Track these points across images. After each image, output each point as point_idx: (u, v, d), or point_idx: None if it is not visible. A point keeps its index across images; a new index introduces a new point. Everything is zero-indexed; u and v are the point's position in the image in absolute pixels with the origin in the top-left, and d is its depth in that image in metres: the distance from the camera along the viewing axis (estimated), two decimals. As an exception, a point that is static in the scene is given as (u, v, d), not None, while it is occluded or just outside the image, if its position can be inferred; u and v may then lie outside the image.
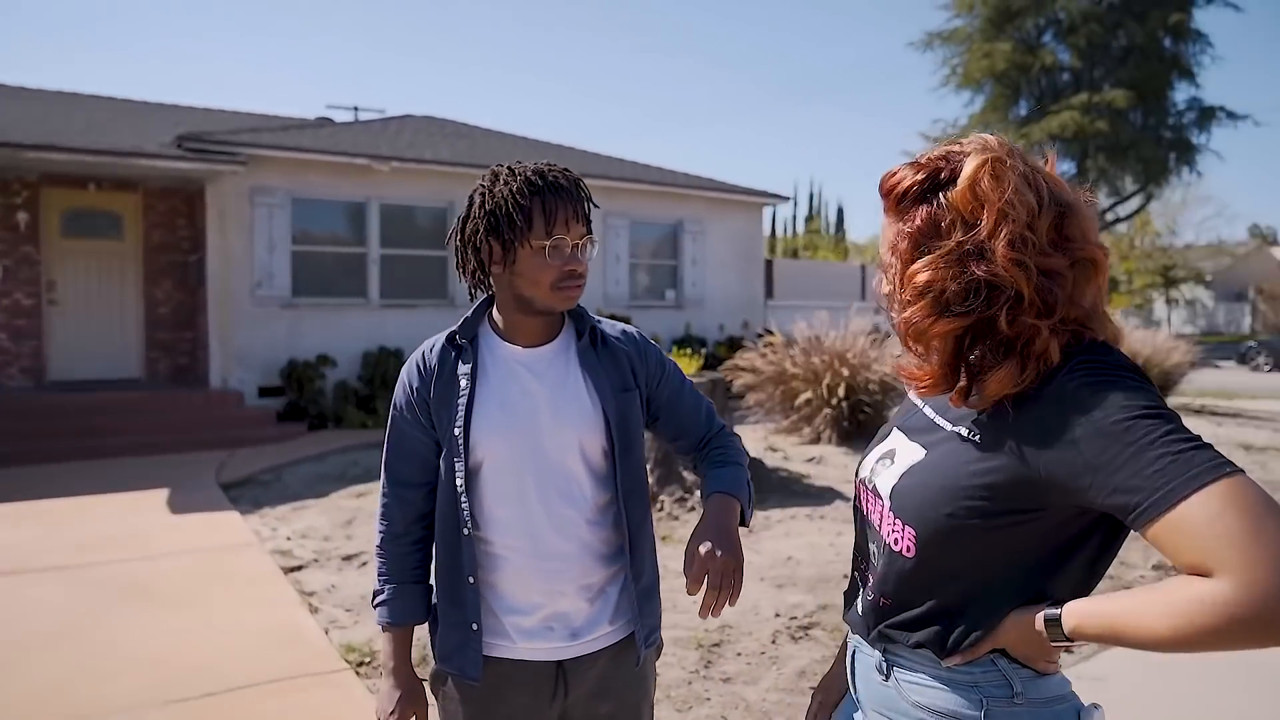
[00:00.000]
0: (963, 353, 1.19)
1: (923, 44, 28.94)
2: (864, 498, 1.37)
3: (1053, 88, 27.04)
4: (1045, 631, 1.13)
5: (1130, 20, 25.51)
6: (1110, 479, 1.01)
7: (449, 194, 12.54)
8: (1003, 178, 1.13)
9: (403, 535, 1.75)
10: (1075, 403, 1.06)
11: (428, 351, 1.75)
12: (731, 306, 15.61)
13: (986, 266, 1.11)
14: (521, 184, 1.62)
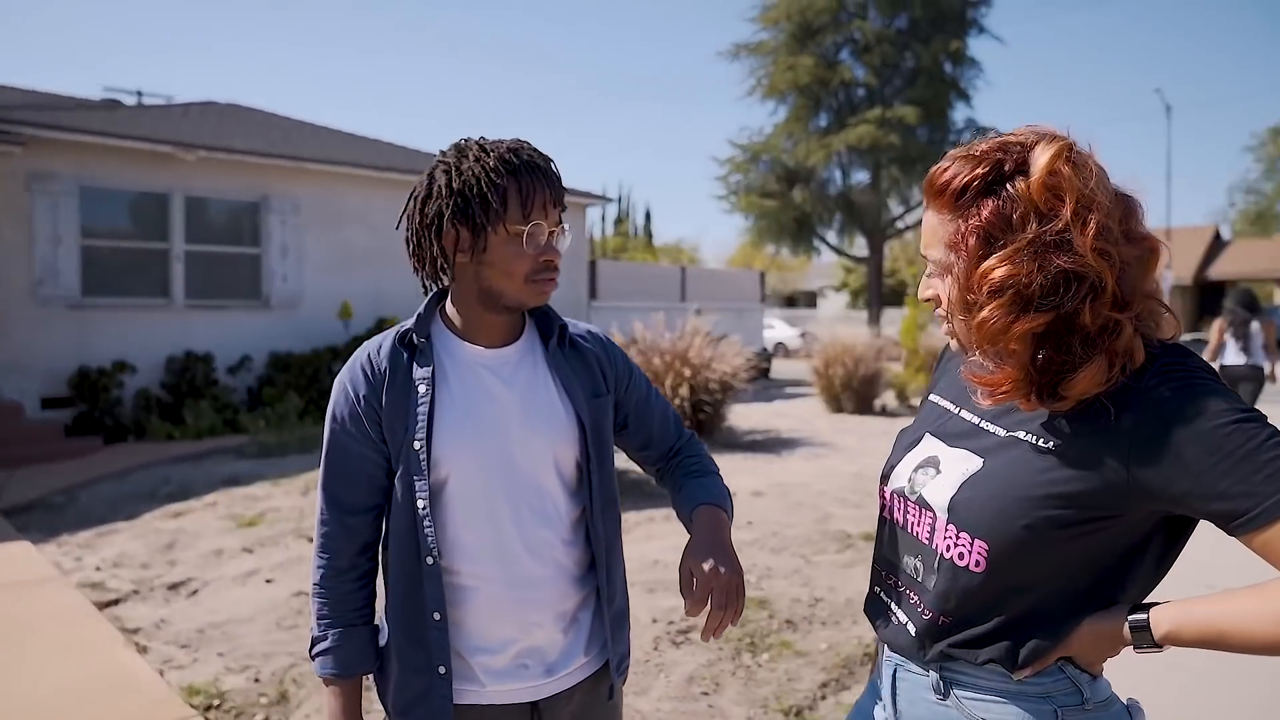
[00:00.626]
0: (1038, 353, 1.13)
1: (730, 54, 29.98)
2: (899, 509, 1.30)
3: (850, 102, 28.72)
4: (1130, 637, 1.11)
5: (917, 43, 27.52)
6: (1213, 486, 1.00)
7: (262, 187, 11.73)
8: (1082, 166, 1.09)
9: (347, 570, 1.51)
10: (1171, 409, 1.04)
11: (374, 353, 1.51)
12: (558, 308, 14.94)
13: (1070, 257, 1.06)
14: (496, 161, 1.43)
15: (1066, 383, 1.10)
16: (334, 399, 1.51)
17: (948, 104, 28.40)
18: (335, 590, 1.51)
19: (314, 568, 1.52)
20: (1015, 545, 1.12)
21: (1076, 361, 1.09)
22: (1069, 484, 1.09)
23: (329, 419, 1.52)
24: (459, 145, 1.50)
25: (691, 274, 20.69)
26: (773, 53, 28.95)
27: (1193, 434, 1.02)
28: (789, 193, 28.94)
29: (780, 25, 28.46)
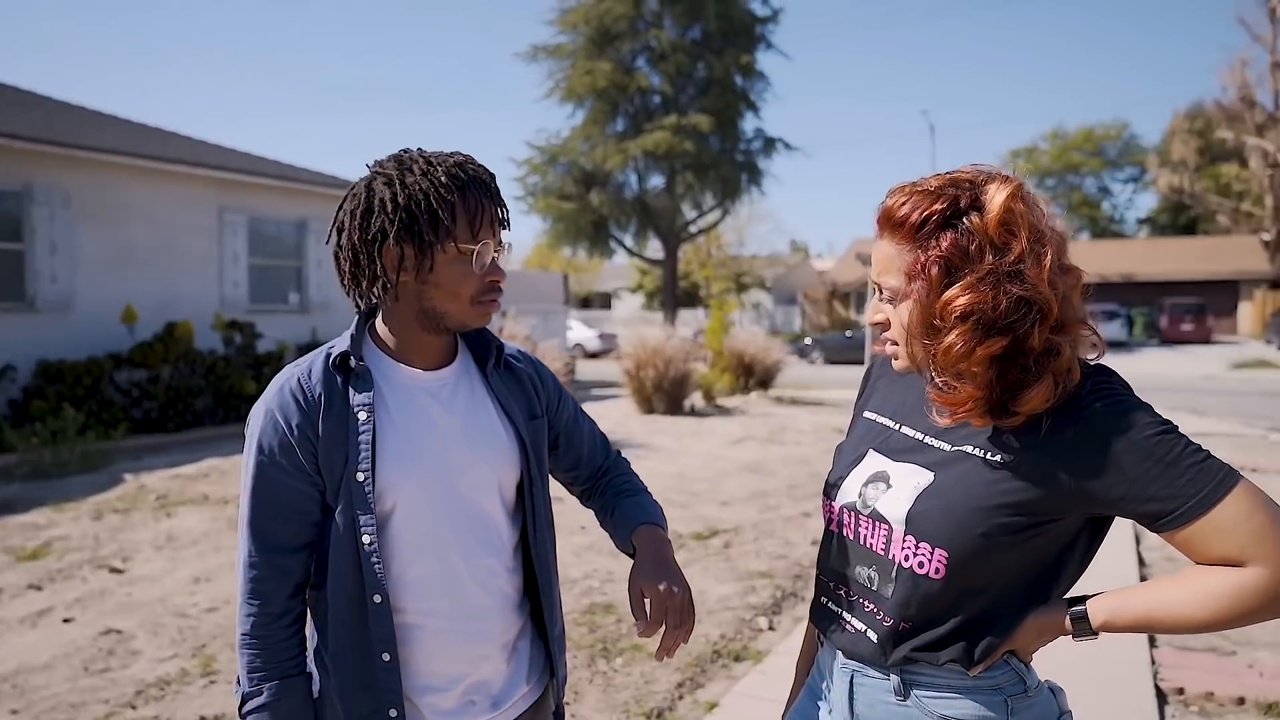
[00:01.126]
0: (994, 374, 1.21)
1: (528, 56, 29.93)
2: (849, 523, 1.35)
3: (646, 108, 29.41)
4: (1070, 627, 1.23)
5: (710, 54, 28.59)
6: (1145, 490, 1.14)
7: (25, 175, 10.49)
8: (1033, 204, 1.21)
9: (281, 616, 1.37)
10: (1108, 423, 1.16)
11: (304, 378, 1.38)
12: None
13: (1023, 286, 1.16)
14: (445, 175, 1.35)
15: (1019, 399, 1.19)
16: (258, 428, 1.37)
17: (738, 114, 29.70)
18: (269, 639, 1.36)
19: (241, 617, 1.37)
20: (973, 552, 1.20)
21: (1030, 380, 1.18)
22: (1020, 493, 1.19)
23: (252, 450, 1.37)
24: (399, 156, 1.41)
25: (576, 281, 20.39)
26: (571, 56, 29.17)
27: (1128, 445, 1.14)
28: (586, 195, 29.25)
29: (578, 29, 28.74)
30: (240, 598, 1.37)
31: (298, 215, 13.87)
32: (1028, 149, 55.34)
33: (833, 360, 26.66)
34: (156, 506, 7.05)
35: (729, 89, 29.22)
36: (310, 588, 1.42)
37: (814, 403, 14.98)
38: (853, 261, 43.23)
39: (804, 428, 11.59)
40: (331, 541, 1.37)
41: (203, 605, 4.72)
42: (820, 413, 13.48)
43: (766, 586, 5.09)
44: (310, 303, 14.02)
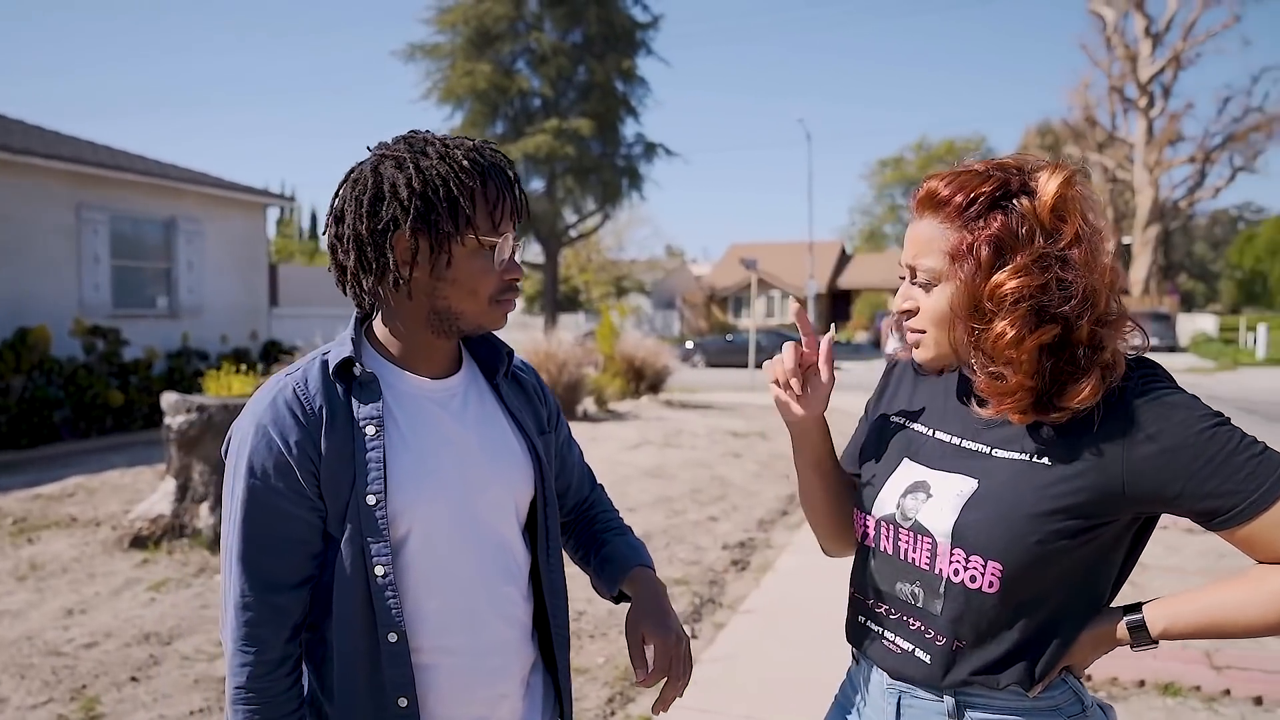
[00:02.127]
0: (1045, 364, 1.16)
1: (406, 55, 29.24)
2: (886, 536, 1.28)
3: (526, 111, 29.16)
4: (1130, 636, 1.17)
5: (591, 59, 28.57)
6: (1202, 486, 1.09)
7: None
8: (1087, 193, 1.18)
9: (279, 664, 1.20)
10: (1157, 417, 1.11)
11: (300, 388, 1.21)
12: (235, 315, 14.08)
13: (1074, 273, 1.13)
14: (465, 159, 1.22)
15: (1066, 394, 1.14)
16: (248, 448, 1.19)
17: (619, 119, 29.79)
18: (268, 691, 1.18)
19: (235, 667, 1.18)
20: (1028, 563, 1.14)
21: (1078, 374, 1.14)
22: (1073, 496, 1.13)
23: (242, 473, 1.19)
24: (409, 138, 1.26)
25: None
26: (449, 56, 28.65)
27: (1182, 440, 1.09)
28: (467, 198, 28.73)
29: (457, 29, 28.25)
30: (231, 645, 1.19)
31: (166, 214, 13.04)
32: (895, 159, 57.83)
33: (714, 363, 27.04)
34: (15, 531, 6.45)
35: (610, 94, 29.29)
36: (304, 628, 1.25)
37: (703, 405, 15.13)
38: (730, 266, 44.10)
39: (698, 431, 11.66)
40: (336, 574, 1.21)
41: (79, 641, 4.31)
42: (711, 415, 13.60)
43: (684, 594, 5.04)
44: (181, 307, 13.19)
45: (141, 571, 5.37)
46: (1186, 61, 29.32)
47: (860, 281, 44.22)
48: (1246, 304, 50.28)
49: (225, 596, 1.21)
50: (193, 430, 5.86)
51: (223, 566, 1.22)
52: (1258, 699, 3.53)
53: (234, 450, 1.22)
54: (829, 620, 4.61)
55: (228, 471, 1.22)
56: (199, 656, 4.10)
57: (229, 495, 1.21)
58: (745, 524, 6.72)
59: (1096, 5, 29.93)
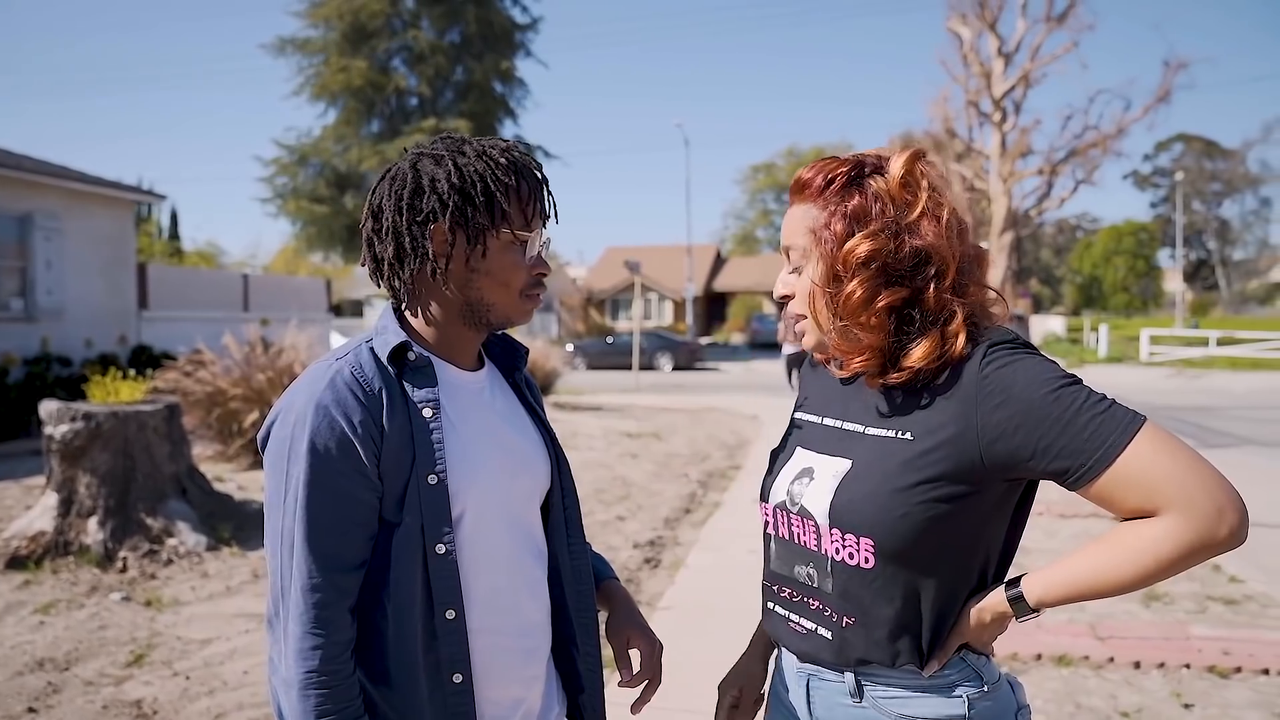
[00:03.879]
0: (891, 325, 1.22)
1: (276, 48, 28.18)
2: (782, 522, 1.33)
3: (403, 110, 28.55)
4: (1010, 609, 1.19)
5: (470, 59, 28.26)
6: (1050, 447, 1.10)
7: None
8: (931, 169, 1.26)
9: (347, 646, 1.20)
10: (1004, 381, 1.14)
11: (356, 371, 1.23)
12: (101, 318, 13.25)
13: (921, 240, 1.19)
14: (501, 159, 1.29)
15: (906, 354, 1.20)
16: (308, 428, 1.18)
17: (497, 120, 29.54)
18: (339, 674, 1.18)
19: (305, 650, 1.16)
20: (898, 535, 1.17)
21: (916, 334, 1.20)
22: (933, 467, 1.16)
23: (302, 454, 1.17)
24: (448, 139, 1.32)
25: (255, 282, 19.01)
26: (322, 52, 27.79)
27: (1028, 403, 1.11)
28: (340, 198, 28.00)
29: (331, 24, 27.41)
30: (298, 629, 1.17)
31: (21, 209, 12.13)
32: (767, 165, 59.45)
33: (595, 366, 27.17)
34: None
35: (488, 94, 29.02)
36: (388, 604, 1.25)
37: (594, 407, 15.21)
38: (607, 269, 44.34)
39: (594, 432, 11.73)
40: (394, 555, 1.23)
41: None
42: (603, 417, 13.69)
43: (604, 593, 5.10)
44: (38, 309, 12.29)
45: (24, 594, 5.02)
46: (1034, 80, 31.24)
47: (735, 284, 45.25)
48: (1086, 306, 54.07)
49: (284, 581, 1.19)
50: (78, 440, 5.53)
51: (275, 551, 1.21)
52: (1136, 663, 3.92)
53: (289, 433, 1.20)
54: (746, 614, 4.77)
55: (278, 455, 1.21)
56: (104, 680, 3.89)
57: (282, 479, 1.20)
58: (652, 522, 6.83)
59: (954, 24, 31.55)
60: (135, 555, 5.44)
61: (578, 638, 1.46)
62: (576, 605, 1.46)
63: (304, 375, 1.27)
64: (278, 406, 1.25)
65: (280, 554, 1.20)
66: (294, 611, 1.18)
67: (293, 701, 1.17)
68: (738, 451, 10.39)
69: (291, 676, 1.17)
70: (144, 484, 5.74)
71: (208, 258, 41.33)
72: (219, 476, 7.84)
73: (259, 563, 5.61)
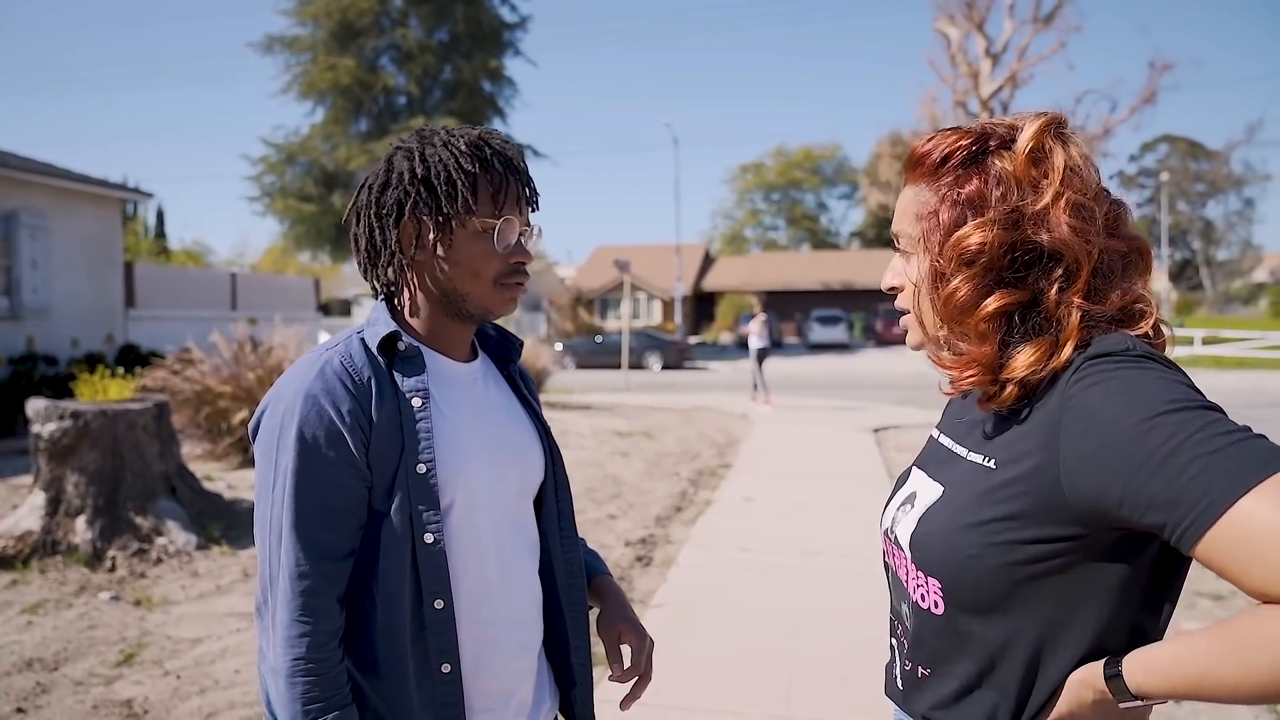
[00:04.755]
0: (1009, 335, 1.02)
1: (264, 47, 28.07)
2: (889, 551, 1.17)
3: (391, 109, 28.50)
4: (1108, 691, 0.93)
5: (459, 57, 28.19)
6: (1141, 492, 0.85)
7: None
8: (1069, 142, 1.03)
9: (334, 634, 1.20)
10: (1093, 402, 0.91)
11: (345, 360, 1.24)
12: (87, 317, 13.15)
13: (1048, 233, 0.98)
14: (467, 147, 1.29)
15: (1006, 364, 1.00)
16: (296, 417, 1.19)
17: (486, 119, 29.49)
18: (327, 661, 1.18)
19: (293, 638, 1.17)
20: (965, 580, 0.99)
21: (1019, 340, 1.00)
22: (1010, 503, 0.96)
23: (290, 444, 1.18)
24: (421, 131, 1.34)
25: (243, 281, 18.95)
26: (311, 50, 27.69)
27: (1117, 432, 0.88)
28: (328, 197, 27.92)
29: (319, 22, 27.32)
30: (286, 617, 1.18)
31: (6, 207, 12.02)
32: (755, 164, 59.50)
33: (583, 365, 27.14)
34: None
35: (476, 93, 28.98)
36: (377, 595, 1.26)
37: (583, 406, 15.20)
38: (596, 268, 44.32)
39: (584, 431, 11.72)
40: (383, 544, 1.23)
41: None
42: (592, 416, 13.69)
43: (596, 591, 5.10)
44: (23, 308, 12.20)
45: (11, 594, 4.99)
46: (1022, 81, 31.40)
47: (723, 284, 45.27)
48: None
49: (273, 569, 1.20)
50: (66, 439, 5.50)
51: (264, 539, 1.21)
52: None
53: (278, 422, 1.21)
54: (738, 612, 4.80)
55: (267, 444, 1.22)
56: (93, 680, 3.86)
57: (271, 467, 1.21)
58: (644, 521, 6.83)
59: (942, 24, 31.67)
60: (124, 554, 5.40)
61: (569, 632, 1.46)
62: (568, 599, 1.46)
63: (294, 365, 1.28)
64: (268, 396, 1.26)
65: (269, 542, 1.21)
66: (282, 599, 1.19)
67: (280, 689, 1.17)
68: (728, 450, 10.40)
69: (279, 664, 1.17)
70: (133, 483, 5.71)
71: (195, 257, 41.11)
72: (208, 475, 7.80)
73: (249, 562, 5.59)
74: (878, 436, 11.11)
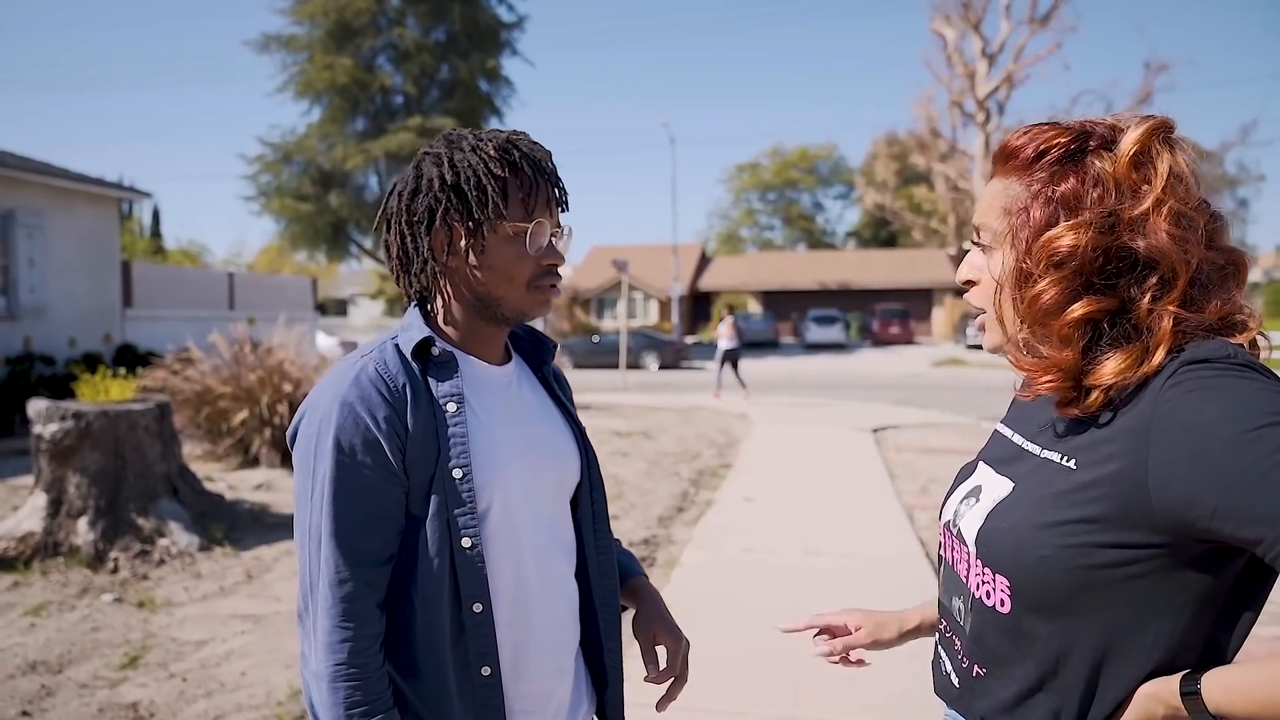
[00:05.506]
0: (1095, 341, 1.00)
1: (260, 46, 27.98)
2: (948, 545, 1.16)
3: (388, 108, 28.40)
4: (1184, 709, 0.91)
5: (455, 57, 28.10)
6: (1235, 506, 0.83)
7: None
8: (1177, 148, 1.00)
9: (375, 639, 1.21)
10: (1185, 412, 0.89)
11: (380, 367, 1.24)
12: (84, 317, 13.12)
13: (1144, 240, 0.95)
14: (496, 151, 1.28)
15: (1094, 369, 0.98)
16: (333, 425, 1.19)
17: (483, 119, 29.38)
18: (368, 667, 1.19)
19: (334, 643, 1.17)
20: (1036, 580, 0.97)
21: (1108, 346, 0.98)
22: (1089, 505, 0.94)
23: (327, 451, 1.19)
24: (449, 136, 1.34)
25: (240, 280, 18.93)
26: (307, 49, 27.60)
27: (1209, 444, 0.85)
28: (325, 196, 27.84)
29: (316, 21, 27.23)
30: (328, 623, 1.18)
31: (3, 206, 11.99)
32: (751, 164, 59.53)
33: (580, 365, 27.13)
34: None
35: (474, 93, 28.88)
36: (416, 599, 1.26)
37: (582, 406, 15.14)
38: (593, 268, 44.27)
39: (582, 432, 11.73)
40: (421, 549, 1.23)
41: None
42: (592, 416, 13.70)
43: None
44: (21, 308, 12.17)
45: (14, 596, 4.97)
46: (1018, 81, 31.44)
47: (720, 284, 45.27)
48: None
49: (313, 575, 1.21)
50: (68, 439, 5.48)
51: (304, 546, 1.22)
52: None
53: (314, 430, 1.22)
54: (742, 612, 4.79)
55: (305, 452, 1.23)
56: (98, 683, 3.85)
57: (309, 475, 1.21)
58: (646, 521, 6.83)
59: (938, 25, 31.69)
60: (127, 556, 5.39)
61: (603, 634, 1.46)
62: (601, 601, 1.46)
63: (330, 372, 1.28)
64: (304, 404, 1.27)
65: (309, 549, 1.22)
66: (322, 605, 1.19)
67: (323, 694, 1.18)
68: (728, 450, 10.40)
69: (321, 669, 1.18)
70: (135, 484, 5.69)
71: (192, 256, 41.06)
72: (209, 476, 7.78)
73: (252, 563, 5.58)
74: (877, 436, 11.12)
